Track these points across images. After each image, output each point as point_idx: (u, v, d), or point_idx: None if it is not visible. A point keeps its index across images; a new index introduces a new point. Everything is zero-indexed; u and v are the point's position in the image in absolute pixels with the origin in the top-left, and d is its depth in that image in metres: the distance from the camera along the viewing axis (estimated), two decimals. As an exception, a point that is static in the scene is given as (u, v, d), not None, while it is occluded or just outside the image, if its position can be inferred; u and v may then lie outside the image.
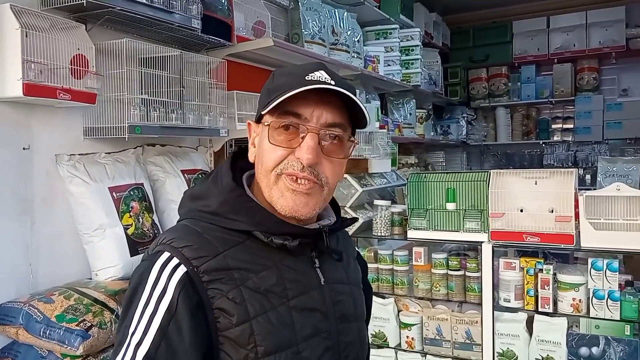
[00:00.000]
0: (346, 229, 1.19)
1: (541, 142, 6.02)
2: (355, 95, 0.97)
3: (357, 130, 1.05)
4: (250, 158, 1.06)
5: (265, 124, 0.99)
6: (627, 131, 5.46)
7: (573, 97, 5.78)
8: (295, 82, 0.94)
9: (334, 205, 1.15)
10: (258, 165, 1.02)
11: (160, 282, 0.90)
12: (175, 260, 0.92)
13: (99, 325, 1.72)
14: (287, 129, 0.96)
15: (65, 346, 1.67)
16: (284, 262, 0.98)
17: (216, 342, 0.90)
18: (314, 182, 0.96)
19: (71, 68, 1.91)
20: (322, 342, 0.98)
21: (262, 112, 1.00)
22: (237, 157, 1.09)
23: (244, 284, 0.92)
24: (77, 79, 1.94)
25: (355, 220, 1.20)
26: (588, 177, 5.13)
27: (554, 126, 6.00)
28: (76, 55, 1.94)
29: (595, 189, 3.99)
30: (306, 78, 0.95)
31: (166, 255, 0.93)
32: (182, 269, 0.91)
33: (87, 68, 1.98)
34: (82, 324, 1.70)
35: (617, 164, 4.21)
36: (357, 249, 1.26)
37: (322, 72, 0.97)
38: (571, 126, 5.85)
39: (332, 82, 0.96)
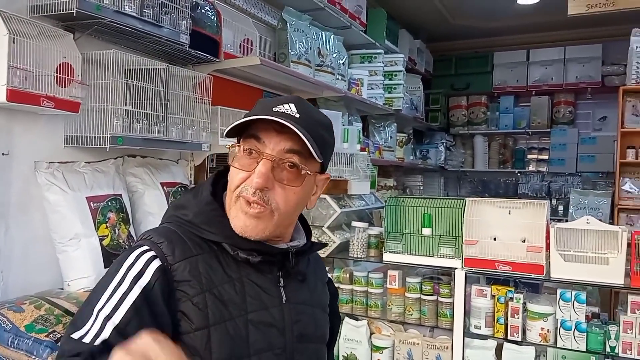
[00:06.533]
0: (320, 251, 1.23)
1: (517, 171, 6.15)
2: (318, 130, 1.03)
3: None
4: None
5: (231, 146, 1.07)
6: (599, 165, 5.61)
7: (549, 129, 5.94)
8: (261, 111, 1.01)
9: (307, 228, 1.20)
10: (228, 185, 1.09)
11: (137, 266, 0.96)
12: (152, 252, 0.98)
13: (69, 337, 1.70)
14: (250, 154, 1.03)
15: (33, 357, 1.63)
16: (250, 277, 1.03)
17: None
18: (263, 207, 1.01)
19: (56, 76, 1.90)
20: (274, 358, 1.02)
21: (227, 136, 1.08)
22: (222, 175, 1.13)
23: (209, 291, 0.98)
24: (62, 87, 1.93)
25: (324, 245, 1.25)
26: (561, 207, 5.25)
27: (529, 156, 6.15)
28: (62, 63, 1.94)
29: (567, 220, 4.09)
30: (273, 109, 1.01)
31: (145, 247, 0.99)
32: (157, 262, 0.97)
33: (73, 77, 1.97)
34: (51, 335, 1.67)
35: (588, 197, 4.33)
36: (332, 272, 1.30)
37: (291, 104, 1.03)
38: (546, 157, 6.00)
39: (297, 116, 1.01)
